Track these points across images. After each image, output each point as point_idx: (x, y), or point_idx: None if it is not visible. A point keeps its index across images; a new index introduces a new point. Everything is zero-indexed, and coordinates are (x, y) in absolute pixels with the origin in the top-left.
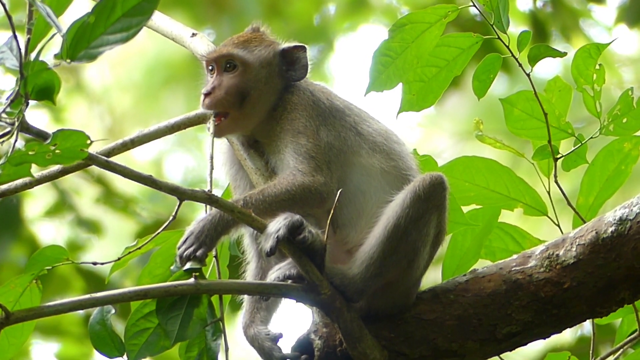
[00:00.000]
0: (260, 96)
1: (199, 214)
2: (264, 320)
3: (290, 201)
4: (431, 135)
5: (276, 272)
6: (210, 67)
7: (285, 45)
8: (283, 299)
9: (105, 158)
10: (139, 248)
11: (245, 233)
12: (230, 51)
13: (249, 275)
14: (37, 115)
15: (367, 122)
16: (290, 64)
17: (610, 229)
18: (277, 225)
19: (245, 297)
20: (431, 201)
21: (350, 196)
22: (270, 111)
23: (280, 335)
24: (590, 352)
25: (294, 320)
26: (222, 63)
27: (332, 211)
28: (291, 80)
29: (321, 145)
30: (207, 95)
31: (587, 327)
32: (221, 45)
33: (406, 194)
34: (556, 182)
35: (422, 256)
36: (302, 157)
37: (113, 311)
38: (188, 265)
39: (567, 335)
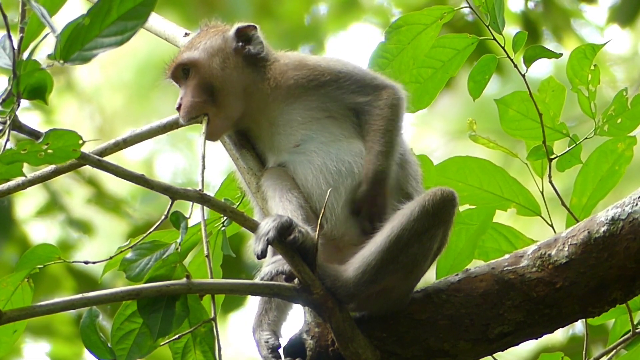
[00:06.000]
0: (224, 82)
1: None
2: (272, 322)
3: (396, 127)
4: (423, 134)
5: (269, 267)
6: (178, 85)
7: (239, 24)
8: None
9: (98, 157)
10: (131, 247)
11: None
12: (177, 60)
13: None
14: (28, 118)
15: None
16: (247, 42)
17: (603, 229)
18: (266, 227)
19: (257, 299)
20: (439, 217)
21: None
22: (252, 87)
23: (278, 346)
24: (583, 352)
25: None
26: (179, 74)
27: (322, 210)
28: (250, 55)
29: (352, 73)
30: (178, 108)
31: (578, 327)
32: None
33: (415, 206)
34: (551, 182)
35: (420, 268)
36: (362, 88)
37: (100, 317)
38: None
39: (559, 335)
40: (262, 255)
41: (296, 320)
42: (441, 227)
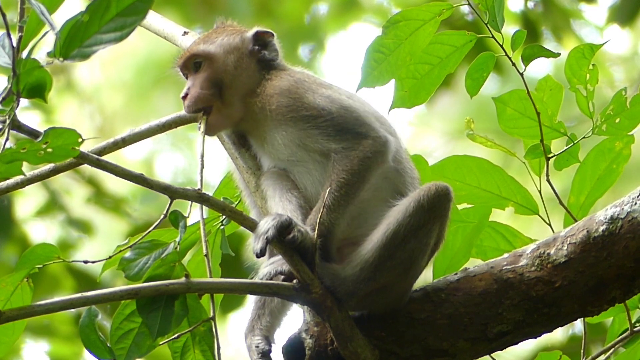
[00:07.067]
0: (234, 80)
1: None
2: (264, 328)
3: (362, 181)
4: (422, 134)
5: (268, 267)
6: (185, 74)
7: (258, 28)
8: (289, 303)
9: (97, 156)
10: (131, 247)
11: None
12: (192, 50)
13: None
14: (28, 117)
15: (359, 100)
16: (263, 46)
17: (602, 228)
18: (266, 225)
19: (251, 304)
20: (434, 212)
21: None
22: (250, 96)
23: (269, 351)
24: (582, 351)
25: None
26: (190, 65)
27: (321, 209)
28: (265, 59)
29: (335, 115)
30: (184, 98)
31: (578, 326)
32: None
33: (410, 201)
34: (548, 181)
35: (418, 264)
36: (340, 133)
37: (100, 316)
38: None
39: (558, 334)
40: (261, 253)
41: (295, 319)
42: (437, 221)
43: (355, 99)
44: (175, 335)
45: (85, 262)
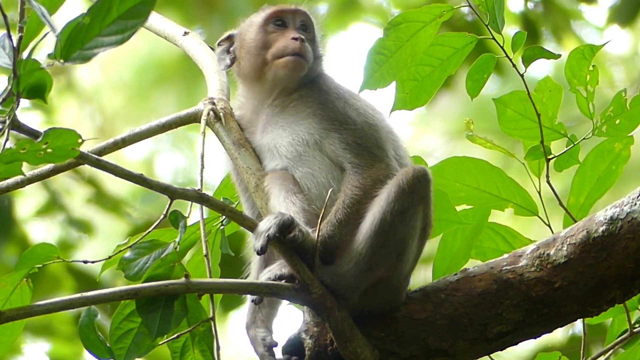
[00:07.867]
0: (314, 58)
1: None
2: (265, 319)
3: (366, 196)
4: (422, 134)
5: (268, 273)
6: (277, 21)
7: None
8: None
9: (96, 156)
10: (130, 247)
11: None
12: (310, 10)
13: (253, 268)
14: (29, 117)
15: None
16: None
17: (601, 229)
18: (267, 224)
19: (248, 296)
20: (416, 194)
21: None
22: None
23: (275, 344)
24: (582, 351)
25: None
26: (298, 21)
27: (322, 210)
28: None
29: (359, 128)
30: (297, 39)
31: (578, 326)
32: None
33: (390, 188)
34: (548, 182)
35: (410, 249)
36: (358, 147)
37: (99, 316)
38: None
39: (559, 335)
40: (262, 251)
41: (295, 319)
42: (420, 203)
43: (377, 115)
44: (175, 336)
45: (85, 262)
